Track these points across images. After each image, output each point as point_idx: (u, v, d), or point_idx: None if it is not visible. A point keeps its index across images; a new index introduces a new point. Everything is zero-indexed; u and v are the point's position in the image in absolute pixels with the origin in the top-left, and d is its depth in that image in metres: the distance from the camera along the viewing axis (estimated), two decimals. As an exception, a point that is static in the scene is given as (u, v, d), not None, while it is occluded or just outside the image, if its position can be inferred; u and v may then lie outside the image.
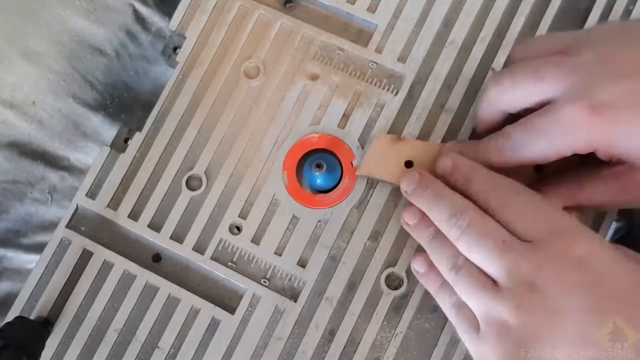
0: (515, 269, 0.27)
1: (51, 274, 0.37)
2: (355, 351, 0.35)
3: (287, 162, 0.37)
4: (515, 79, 0.30)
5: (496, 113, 0.32)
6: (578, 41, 0.30)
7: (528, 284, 0.27)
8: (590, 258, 0.27)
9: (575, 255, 0.27)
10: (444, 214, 0.30)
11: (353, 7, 0.39)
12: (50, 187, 0.45)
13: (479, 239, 0.29)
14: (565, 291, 0.27)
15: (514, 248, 0.28)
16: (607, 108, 0.27)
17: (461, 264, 0.29)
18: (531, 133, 0.29)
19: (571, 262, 0.27)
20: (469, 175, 0.31)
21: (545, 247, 0.28)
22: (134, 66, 0.48)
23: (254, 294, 0.36)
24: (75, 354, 0.36)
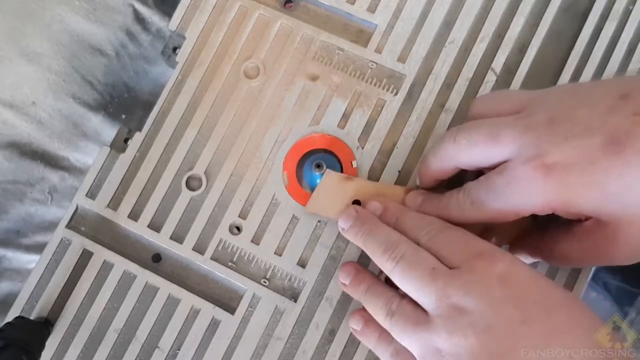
0: (443, 295, 0.28)
1: (51, 274, 0.37)
2: (355, 351, 0.35)
3: (287, 162, 0.37)
4: (471, 139, 0.31)
5: (449, 169, 0.32)
6: (531, 102, 0.30)
7: (456, 308, 0.28)
8: (511, 274, 0.28)
9: (497, 273, 0.28)
10: (379, 248, 0.31)
11: (353, 7, 0.39)
12: (50, 187, 0.45)
13: (410, 268, 0.30)
14: (492, 307, 0.28)
15: (442, 274, 0.29)
16: (557, 168, 0.28)
17: (395, 308, 0.31)
18: (490, 192, 0.30)
19: (494, 279, 0.28)
20: (399, 215, 0.33)
21: (469, 270, 0.29)
22: (134, 66, 0.48)
23: (254, 294, 0.36)
24: (75, 354, 0.36)
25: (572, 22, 0.38)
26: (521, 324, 0.27)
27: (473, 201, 0.31)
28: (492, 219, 0.30)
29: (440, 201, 0.33)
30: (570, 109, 0.29)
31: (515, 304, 0.28)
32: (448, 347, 0.28)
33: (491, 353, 0.27)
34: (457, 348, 0.28)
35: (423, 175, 0.34)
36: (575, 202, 0.28)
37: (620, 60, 0.37)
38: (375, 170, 0.37)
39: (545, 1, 0.38)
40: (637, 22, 0.37)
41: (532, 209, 0.29)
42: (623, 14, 0.37)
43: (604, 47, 0.37)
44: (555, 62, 0.37)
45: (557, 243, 0.32)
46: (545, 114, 0.29)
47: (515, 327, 0.27)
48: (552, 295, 0.28)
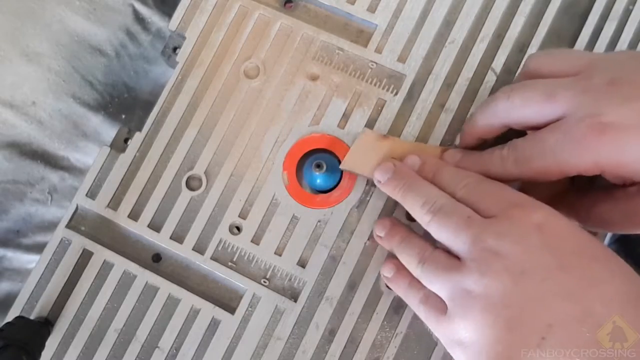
0: (478, 240, 0.28)
1: (51, 274, 0.37)
2: (355, 351, 0.35)
3: (287, 162, 0.37)
4: (527, 98, 0.30)
5: (498, 126, 0.32)
6: (591, 65, 0.30)
7: (491, 252, 0.28)
8: (548, 223, 0.28)
9: (533, 221, 0.28)
10: (418, 201, 0.31)
11: (353, 7, 0.39)
12: (50, 187, 0.45)
13: (446, 219, 0.30)
14: (529, 253, 0.28)
15: (477, 222, 0.29)
16: (613, 128, 0.27)
17: (428, 255, 0.31)
18: (538, 148, 0.30)
19: (530, 227, 0.28)
20: (436, 170, 0.33)
21: (505, 218, 0.29)
22: (134, 66, 0.48)
23: (254, 294, 0.36)
24: (75, 354, 0.36)
25: (572, 22, 0.38)
26: (558, 270, 0.27)
27: (517, 157, 0.31)
28: (536, 177, 0.30)
29: (481, 157, 0.33)
30: (632, 73, 0.28)
31: (552, 252, 0.27)
32: (479, 288, 0.28)
33: (524, 297, 0.27)
34: (489, 289, 0.28)
35: (468, 133, 0.34)
36: (627, 165, 0.28)
37: (620, 60, 0.37)
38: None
39: (545, 1, 0.38)
40: (637, 22, 0.37)
41: (580, 168, 0.29)
42: (623, 14, 0.37)
43: (604, 47, 0.37)
44: (555, 62, 0.37)
45: (596, 206, 0.31)
46: (605, 77, 0.29)
47: (552, 273, 0.27)
48: (590, 246, 0.28)
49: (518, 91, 0.31)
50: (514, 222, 0.28)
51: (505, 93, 0.31)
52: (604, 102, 0.28)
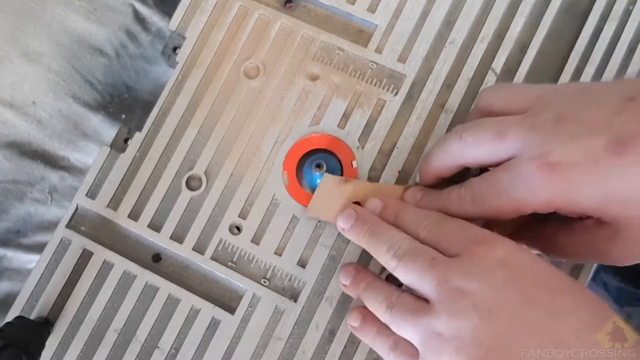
0: (443, 280, 0.29)
1: (51, 274, 0.37)
2: (355, 351, 0.35)
3: (287, 162, 0.37)
4: (478, 137, 0.31)
5: (453, 166, 0.32)
6: (539, 100, 0.31)
7: (457, 290, 0.28)
8: (511, 258, 0.28)
9: (496, 257, 0.28)
10: (382, 247, 0.32)
11: (353, 7, 0.39)
12: (50, 187, 0.45)
13: (411, 262, 0.30)
14: (494, 290, 0.28)
15: (441, 262, 0.29)
16: (562, 166, 0.28)
17: (395, 300, 0.31)
18: (492, 187, 0.30)
19: (494, 263, 0.28)
20: (397, 211, 0.33)
21: (469, 256, 0.29)
22: (134, 66, 0.48)
23: (254, 294, 0.36)
24: (75, 354, 0.36)
25: (572, 22, 0.38)
26: (524, 305, 0.27)
27: (474, 196, 0.31)
28: (493, 215, 0.31)
29: (440, 196, 0.33)
30: (578, 109, 0.29)
31: (517, 287, 0.28)
32: (449, 329, 0.28)
33: (494, 335, 0.27)
34: (459, 330, 0.28)
35: (424, 172, 0.34)
36: (578, 201, 0.28)
37: (621, 60, 0.37)
38: (375, 170, 0.37)
39: (546, 1, 0.38)
40: (637, 22, 0.37)
41: (534, 207, 0.29)
42: (623, 14, 0.37)
43: (604, 47, 0.37)
44: (555, 62, 0.37)
45: (556, 236, 0.32)
46: (553, 113, 0.29)
47: (518, 309, 0.27)
48: (555, 279, 0.28)
49: (469, 131, 0.31)
50: (477, 259, 0.29)
51: (457, 133, 0.31)
52: (551, 140, 0.28)
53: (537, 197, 0.29)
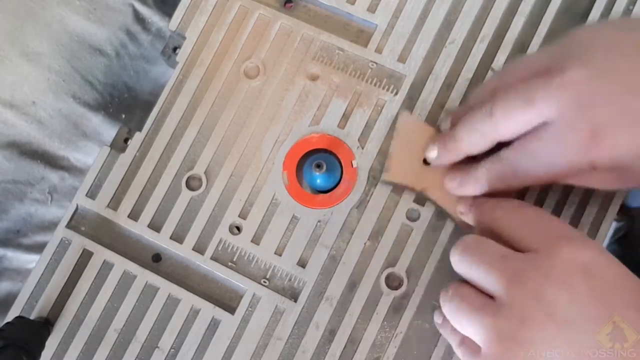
0: (517, 279, 0.27)
1: (51, 274, 0.37)
2: (355, 351, 0.35)
3: (287, 162, 0.37)
4: (506, 109, 0.29)
5: (487, 144, 0.31)
6: (557, 57, 0.29)
7: (532, 294, 0.26)
8: (597, 265, 0.27)
9: (580, 262, 0.26)
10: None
11: (353, 7, 0.39)
12: (50, 187, 0.45)
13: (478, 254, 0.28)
14: (575, 302, 0.26)
15: (515, 259, 0.27)
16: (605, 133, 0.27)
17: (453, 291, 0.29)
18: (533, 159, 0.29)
19: (577, 269, 0.26)
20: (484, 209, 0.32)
21: (549, 255, 0.27)
22: (134, 66, 0.48)
23: (254, 294, 0.36)
24: (75, 354, 0.36)
25: (572, 22, 0.38)
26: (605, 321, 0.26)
27: (515, 171, 0.30)
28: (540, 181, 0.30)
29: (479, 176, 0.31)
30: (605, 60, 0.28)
31: (601, 302, 0.26)
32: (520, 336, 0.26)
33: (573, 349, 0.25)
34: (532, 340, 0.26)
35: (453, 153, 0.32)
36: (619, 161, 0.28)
37: (620, 60, 0.36)
38: (376, 170, 0.37)
39: (545, 1, 0.38)
40: (637, 22, 0.37)
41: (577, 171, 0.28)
42: (623, 14, 0.37)
43: (604, 47, 0.37)
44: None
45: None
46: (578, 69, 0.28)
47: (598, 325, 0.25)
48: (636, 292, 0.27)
49: (499, 104, 0.29)
50: (559, 261, 0.27)
51: (486, 110, 0.30)
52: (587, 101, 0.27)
53: (581, 163, 0.28)
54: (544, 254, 0.27)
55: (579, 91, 0.28)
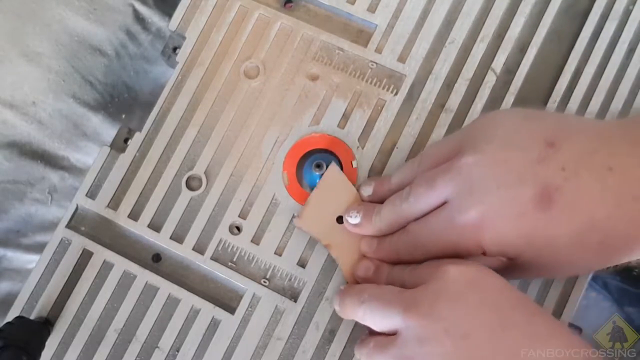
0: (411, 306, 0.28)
1: (51, 274, 0.37)
2: (355, 351, 0.35)
3: (287, 162, 0.37)
4: (416, 193, 0.32)
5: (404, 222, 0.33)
6: (462, 142, 0.31)
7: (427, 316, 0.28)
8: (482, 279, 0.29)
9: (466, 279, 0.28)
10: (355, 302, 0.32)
11: (353, 7, 0.39)
12: (50, 187, 0.45)
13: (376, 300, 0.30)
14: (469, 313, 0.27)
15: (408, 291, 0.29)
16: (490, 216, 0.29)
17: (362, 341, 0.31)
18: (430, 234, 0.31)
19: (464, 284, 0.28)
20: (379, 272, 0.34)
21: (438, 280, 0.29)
22: (134, 66, 0.48)
23: (254, 294, 0.36)
24: (75, 354, 0.36)
25: (572, 22, 0.38)
26: (501, 329, 0.27)
27: (416, 244, 0.32)
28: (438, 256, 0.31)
29: (391, 244, 0.33)
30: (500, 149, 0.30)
31: (492, 310, 0.27)
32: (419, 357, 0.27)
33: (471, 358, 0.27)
34: (430, 357, 0.27)
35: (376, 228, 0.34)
36: (505, 248, 0.29)
37: (621, 60, 0.37)
38: (376, 170, 0.37)
39: (546, 1, 0.38)
40: (637, 22, 0.37)
41: (468, 251, 0.30)
42: (623, 14, 0.37)
43: (604, 47, 0.37)
44: (555, 62, 0.37)
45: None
46: (475, 155, 0.30)
47: (496, 333, 0.27)
48: (525, 301, 0.28)
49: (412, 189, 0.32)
50: (447, 282, 0.28)
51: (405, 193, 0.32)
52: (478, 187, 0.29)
53: (469, 243, 0.30)
54: (433, 280, 0.29)
55: (471, 176, 0.30)
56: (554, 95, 0.37)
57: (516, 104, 0.37)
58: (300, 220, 0.35)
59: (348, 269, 0.35)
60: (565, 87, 0.37)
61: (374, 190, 0.35)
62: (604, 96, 0.36)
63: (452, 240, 0.30)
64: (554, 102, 0.37)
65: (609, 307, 0.46)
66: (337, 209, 0.35)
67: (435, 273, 0.29)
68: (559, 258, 0.29)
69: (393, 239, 0.33)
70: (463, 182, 0.30)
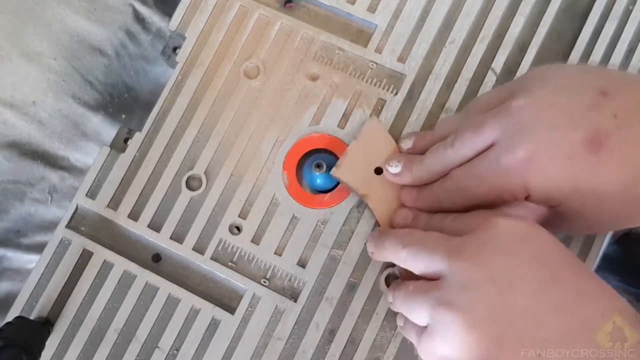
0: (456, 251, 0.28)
1: (51, 274, 0.37)
2: (355, 351, 0.35)
3: (287, 162, 0.37)
4: (462, 138, 0.31)
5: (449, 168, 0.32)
6: (513, 88, 0.31)
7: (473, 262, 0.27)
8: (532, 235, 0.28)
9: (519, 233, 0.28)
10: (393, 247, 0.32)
11: (353, 7, 0.39)
12: (50, 187, 0.45)
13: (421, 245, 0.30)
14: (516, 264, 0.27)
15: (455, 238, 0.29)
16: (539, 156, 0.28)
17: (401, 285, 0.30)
18: (474, 178, 0.30)
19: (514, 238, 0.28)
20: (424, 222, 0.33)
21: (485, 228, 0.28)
22: (134, 66, 0.48)
23: (254, 294, 0.36)
24: (75, 354, 0.36)
25: (572, 22, 0.38)
26: (550, 282, 0.26)
27: (459, 188, 0.31)
28: (479, 203, 0.31)
29: (431, 191, 0.33)
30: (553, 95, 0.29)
31: (542, 263, 0.27)
32: (460, 301, 0.27)
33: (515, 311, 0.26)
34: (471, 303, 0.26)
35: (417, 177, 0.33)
36: (550, 192, 0.29)
37: (621, 60, 0.37)
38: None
39: (546, 1, 0.38)
40: (637, 22, 0.37)
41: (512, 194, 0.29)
42: (623, 14, 0.37)
43: (604, 47, 0.37)
44: (555, 62, 0.37)
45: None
46: (526, 98, 0.29)
47: (544, 285, 0.26)
48: (576, 260, 0.28)
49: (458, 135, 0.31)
50: (497, 232, 0.28)
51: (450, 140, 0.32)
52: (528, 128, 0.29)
53: (514, 185, 0.29)
54: (481, 230, 0.28)
55: (522, 117, 0.29)
56: (554, 95, 0.37)
57: (516, 104, 0.37)
58: (338, 170, 0.35)
59: (385, 220, 0.34)
60: (565, 87, 0.37)
61: (414, 143, 0.34)
62: (604, 96, 0.36)
63: (497, 182, 0.29)
64: (554, 102, 0.37)
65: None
66: (375, 160, 0.35)
67: (483, 224, 0.28)
68: (603, 207, 0.29)
69: (434, 187, 0.33)
70: (512, 124, 0.29)
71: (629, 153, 0.28)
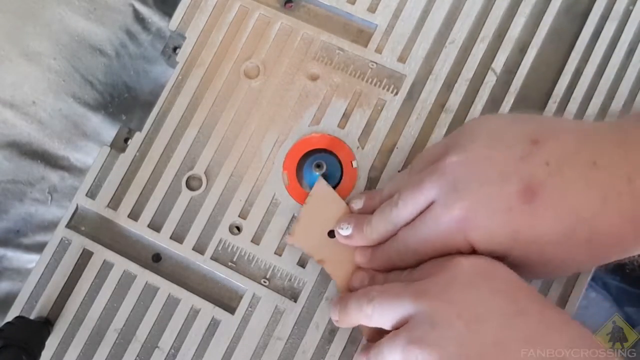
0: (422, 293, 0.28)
1: (51, 274, 0.37)
2: (355, 351, 0.35)
3: (287, 162, 0.37)
4: (403, 198, 0.31)
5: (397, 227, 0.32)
6: (448, 144, 0.31)
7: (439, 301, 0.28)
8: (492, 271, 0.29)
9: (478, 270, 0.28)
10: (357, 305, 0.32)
11: (353, 7, 0.39)
12: (50, 187, 0.45)
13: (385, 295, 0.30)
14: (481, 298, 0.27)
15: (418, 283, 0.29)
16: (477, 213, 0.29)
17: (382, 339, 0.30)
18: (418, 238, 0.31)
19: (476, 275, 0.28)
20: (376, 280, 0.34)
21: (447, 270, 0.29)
22: (134, 66, 0.48)
23: (254, 294, 0.36)
24: (75, 354, 0.36)
25: (572, 23, 0.38)
26: (516, 314, 0.27)
27: (408, 248, 0.32)
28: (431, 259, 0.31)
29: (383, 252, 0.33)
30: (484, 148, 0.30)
31: (506, 296, 0.27)
32: (430, 339, 0.27)
33: (484, 344, 0.26)
34: (441, 340, 0.27)
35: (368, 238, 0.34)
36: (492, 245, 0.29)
37: (621, 60, 0.37)
38: (376, 170, 0.37)
39: (546, 1, 0.38)
40: (637, 22, 0.37)
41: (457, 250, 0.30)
42: (623, 14, 0.37)
43: (604, 47, 0.37)
44: (555, 62, 0.37)
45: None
46: (458, 155, 0.30)
47: (510, 318, 0.27)
48: (537, 293, 0.29)
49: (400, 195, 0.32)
50: (458, 272, 0.28)
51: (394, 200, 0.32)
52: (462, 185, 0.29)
53: (458, 242, 0.30)
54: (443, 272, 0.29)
55: (455, 174, 0.30)
56: (554, 95, 0.37)
57: (516, 104, 0.37)
58: (293, 237, 0.35)
59: (343, 283, 0.34)
60: (565, 87, 0.37)
61: (364, 203, 0.35)
62: (604, 96, 0.36)
63: (440, 240, 0.30)
64: (554, 102, 0.37)
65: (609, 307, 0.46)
66: (327, 223, 0.35)
67: (444, 265, 0.29)
68: (547, 256, 0.29)
69: (385, 247, 0.33)
70: (447, 181, 0.30)
71: (563, 200, 0.28)
